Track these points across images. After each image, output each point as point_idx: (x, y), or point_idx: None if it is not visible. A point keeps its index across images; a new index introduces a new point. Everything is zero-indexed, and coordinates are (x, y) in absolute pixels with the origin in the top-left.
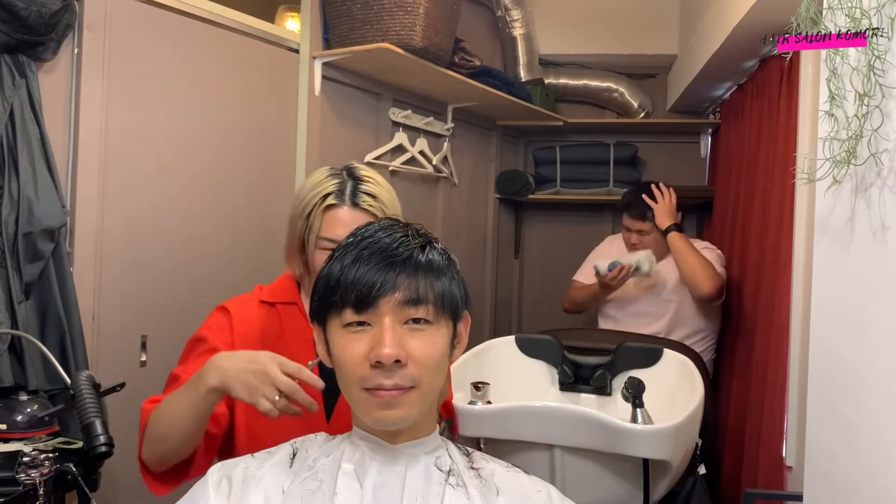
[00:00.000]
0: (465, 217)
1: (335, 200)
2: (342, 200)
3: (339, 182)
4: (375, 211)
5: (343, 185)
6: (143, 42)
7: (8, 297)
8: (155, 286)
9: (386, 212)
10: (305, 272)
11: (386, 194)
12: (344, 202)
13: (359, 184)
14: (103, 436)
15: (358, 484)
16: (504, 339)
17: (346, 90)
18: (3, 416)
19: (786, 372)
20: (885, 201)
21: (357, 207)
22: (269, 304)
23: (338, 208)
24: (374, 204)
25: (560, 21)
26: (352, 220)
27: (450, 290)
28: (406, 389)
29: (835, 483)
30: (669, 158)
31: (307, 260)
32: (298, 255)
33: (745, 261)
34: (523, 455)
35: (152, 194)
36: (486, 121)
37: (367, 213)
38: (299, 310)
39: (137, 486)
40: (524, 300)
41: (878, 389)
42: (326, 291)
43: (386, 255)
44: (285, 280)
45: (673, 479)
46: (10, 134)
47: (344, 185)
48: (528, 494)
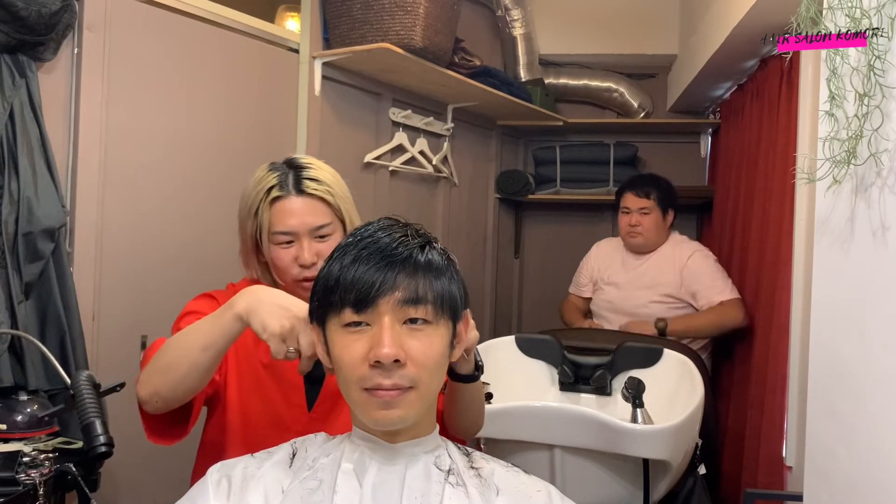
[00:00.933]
0: (465, 217)
1: (280, 192)
2: (287, 190)
3: (279, 174)
4: (322, 194)
5: (284, 175)
6: (142, 42)
7: (8, 297)
8: (155, 286)
9: (333, 194)
10: (265, 273)
11: (330, 177)
12: (289, 192)
13: (300, 171)
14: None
15: (357, 483)
16: (504, 339)
17: (346, 90)
18: (3, 416)
19: (786, 372)
20: (885, 201)
21: (303, 194)
22: None
23: (284, 199)
24: (319, 188)
25: (560, 21)
26: (300, 207)
27: (449, 290)
28: (404, 390)
29: (835, 483)
30: (669, 158)
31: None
32: (254, 256)
33: (745, 261)
34: (523, 455)
35: (152, 194)
36: (486, 121)
37: (313, 197)
38: None
39: (137, 486)
40: (524, 300)
41: (878, 389)
42: (326, 291)
43: (385, 254)
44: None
45: (673, 479)
46: (10, 134)
47: (286, 176)
48: (528, 494)
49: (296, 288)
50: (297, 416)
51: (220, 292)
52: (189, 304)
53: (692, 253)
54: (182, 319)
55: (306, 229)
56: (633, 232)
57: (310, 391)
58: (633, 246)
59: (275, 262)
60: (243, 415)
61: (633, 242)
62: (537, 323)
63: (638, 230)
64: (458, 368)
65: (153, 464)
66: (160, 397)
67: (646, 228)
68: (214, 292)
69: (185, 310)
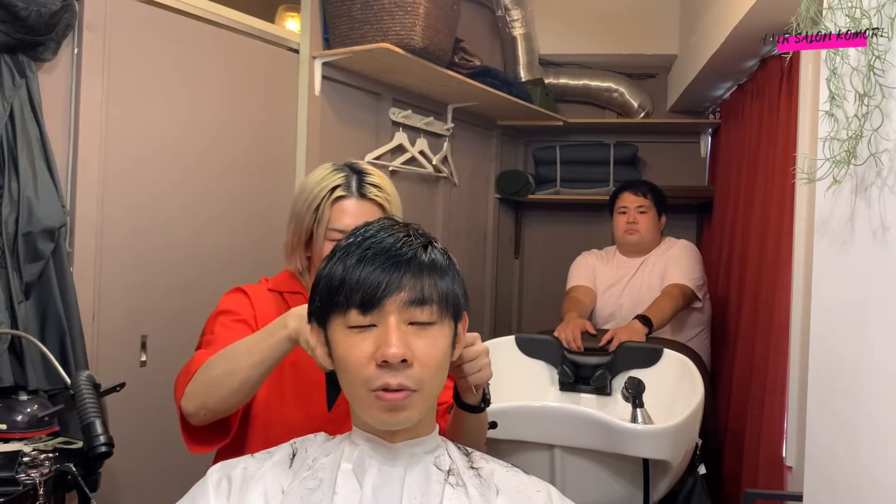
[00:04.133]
0: (465, 217)
1: (343, 192)
2: (350, 192)
3: (344, 175)
4: (381, 201)
5: (349, 178)
6: (142, 42)
7: (8, 297)
8: (155, 286)
9: (390, 201)
10: (307, 267)
11: (389, 186)
12: (352, 193)
13: (363, 176)
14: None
15: (357, 483)
16: (504, 339)
17: (346, 90)
18: (3, 416)
19: (786, 372)
20: (885, 201)
21: (364, 198)
22: (278, 292)
23: (346, 199)
24: (380, 194)
25: (560, 21)
26: (359, 210)
27: (452, 290)
28: (410, 392)
29: (835, 483)
30: (669, 158)
31: (310, 255)
32: (302, 250)
33: (745, 261)
34: (523, 455)
35: (152, 194)
36: (486, 121)
37: (373, 203)
38: (304, 298)
39: (137, 486)
40: (524, 300)
41: (878, 389)
42: (329, 292)
43: (390, 255)
44: (288, 275)
45: (673, 479)
46: (10, 134)
47: (350, 178)
48: (528, 494)
49: None
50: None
51: (251, 287)
52: (222, 302)
53: (680, 243)
54: (217, 319)
55: None
56: (630, 229)
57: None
58: (629, 244)
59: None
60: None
61: (631, 240)
62: (537, 323)
63: (636, 227)
64: (466, 398)
65: (153, 464)
66: (208, 410)
67: (643, 226)
68: (246, 287)
69: (220, 308)
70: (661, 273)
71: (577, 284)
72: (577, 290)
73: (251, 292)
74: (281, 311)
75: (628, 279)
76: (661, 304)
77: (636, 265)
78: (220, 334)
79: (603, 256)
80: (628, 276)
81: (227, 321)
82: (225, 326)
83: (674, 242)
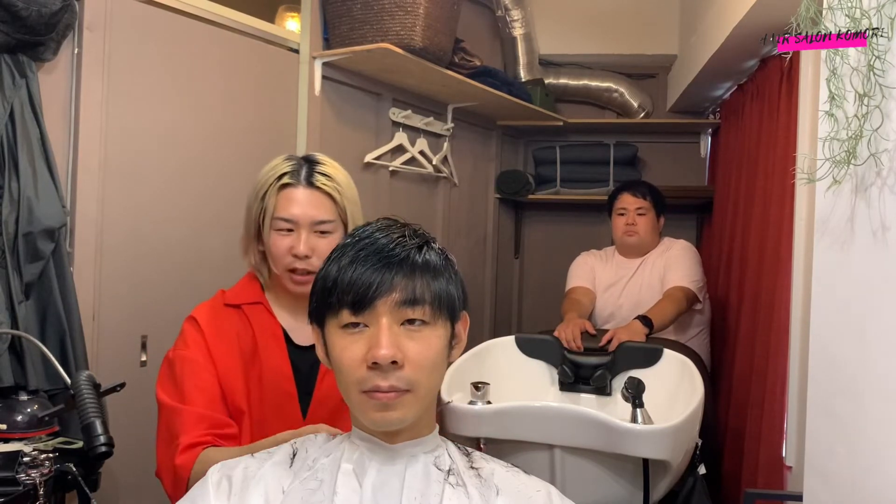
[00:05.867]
0: (465, 217)
1: (290, 180)
2: (297, 180)
3: (294, 164)
4: (330, 191)
5: (299, 166)
6: (143, 42)
7: (8, 297)
8: (155, 286)
9: (341, 192)
10: (262, 260)
11: (342, 177)
12: (299, 182)
13: (314, 165)
14: (103, 436)
15: (357, 483)
16: (504, 339)
17: (346, 90)
18: (3, 416)
19: (786, 372)
20: (885, 201)
21: (312, 186)
22: (235, 306)
23: (293, 188)
24: (329, 184)
25: (560, 21)
26: (306, 199)
27: (447, 291)
28: (402, 392)
29: (835, 483)
30: (669, 158)
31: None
32: (255, 242)
33: (745, 261)
34: (523, 455)
35: (152, 194)
36: (486, 121)
37: (321, 191)
38: (265, 308)
39: (137, 486)
40: (524, 300)
41: (878, 389)
42: (324, 293)
43: (382, 255)
44: (247, 281)
45: (673, 479)
46: (10, 134)
47: (300, 167)
48: (528, 494)
49: (286, 278)
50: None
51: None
52: (179, 343)
53: (679, 244)
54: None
55: (308, 221)
56: (630, 231)
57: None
58: (628, 245)
59: (271, 249)
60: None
61: (630, 241)
62: (537, 323)
63: (635, 229)
64: None
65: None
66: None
67: (642, 228)
68: (198, 312)
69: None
70: (660, 274)
71: (577, 285)
72: (577, 290)
73: (203, 320)
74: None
75: (627, 279)
76: (663, 306)
77: (635, 265)
78: (188, 390)
79: (602, 257)
80: (627, 276)
81: (194, 369)
82: (194, 375)
83: (673, 243)
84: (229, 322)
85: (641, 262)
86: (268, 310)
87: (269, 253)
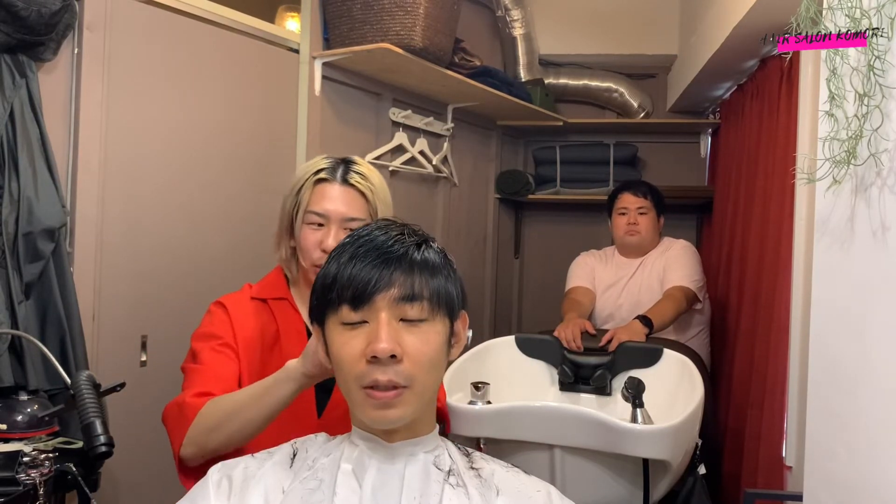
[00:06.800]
0: (465, 217)
1: (326, 175)
2: (333, 177)
3: (332, 162)
4: (364, 189)
5: (336, 165)
6: (143, 42)
7: (8, 297)
8: (155, 286)
9: (374, 192)
10: (291, 256)
11: (377, 179)
12: (335, 178)
13: (351, 165)
14: (103, 436)
15: (357, 483)
16: (504, 339)
17: (346, 90)
18: (3, 416)
19: (786, 372)
20: (885, 201)
21: (346, 184)
22: (261, 300)
23: (327, 183)
24: (363, 182)
25: (560, 21)
26: (340, 195)
27: (445, 288)
28: (401, 389)
29: (835, 483)
30: (669, 158)
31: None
32: (287, 236)
33: (745, 261)
34: (523, 455)
35: (152, 194)
36: (486, 121)
37: (355, 189)
38: (290, 304)
39: (137, 486)
40: (524, 300)
41: (877, 389)
42: (324, 290)
43: (381, 252)
44: (274, 276)
45: (673, 479)
46: (10, 134)
47: (337, 165)
48: (528, 494)
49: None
50: (306, 422)
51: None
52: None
53: (679, 243)
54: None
55: (339, 217)
56: (631, 230)
57: (321, 398)
58: (630, 245)
59: (301, 242)
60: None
61: (631, 241)
62: (537, 323)
63: (637, 229)
64: None
65: (153, 464)
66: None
67: (644, 227)
68: (227, 299)
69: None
70: (659, 273)
71: (576, 285)
72: (576, 290)
73: (231, 307)
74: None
75: (627, 279)
76: (663, 305)
77: (635, 265)
78: (208, 362)
79: (602, 257)
80: (627, 276)
81: (215, 346)
82: (214, 351)
83: (672, 242)
84: (254, 312)
85: (641, 262)
86: (292, 305)
87: (298, 247)
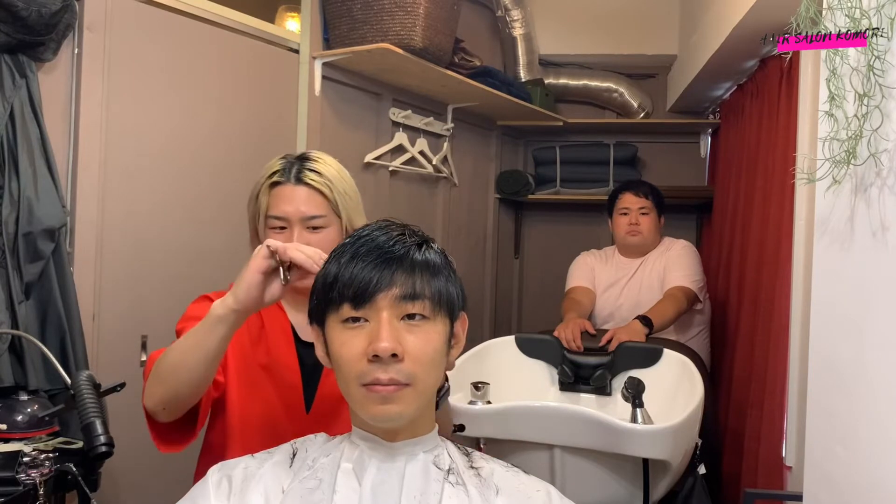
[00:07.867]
0: (465, 217)
1: (280, 178)
2: (287, 178)
3: (285, 162)
4: (320, 186)
5: (290, 164)
6: (143, 42)
7: (8, 297)
8: (155, 286)
9: (333, 188)
10: None
11: (334, 172)
12: (289, 179)
13: (305, 162)
14: (103, 436)
15: (357, 482)
16: (504, 339)
17: (346, 90)
18: (3, 416)
19: (786, 372)
20: (885, 201)
21: (300, 183)
22: None
23: (282, 185)
24: (318, 179)
25: (560, 21)
26: (295, 195)
27: (446, 288)
28: (401, 386)
29: (835, 483)
30: (669, 158)
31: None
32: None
33: (745, 261)
34: (523, 455)
35: (152, 194)
36: (486, 121)
37: (309, 187)
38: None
39: (137, 486)
40: (524, 300)
41: (877, 389)
42: (324, 289)
43: (383, 251)
44: None
45: (673, 479)
46: (10, 134)
47: (291, 165)
48: (528, 494)
49: None
50: (295, 417)
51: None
52: (189, 309)
53: (679, 243)
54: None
55: (298, 217)
56: (633, 230)
57: (308, 393)
58: (631, 245)
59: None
60: (243, 417)
61: (633, 241)
62: (537, 323)
63: (638, 228)
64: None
65: (153, 464)
66: (165, 404)
67: (645, 227)
68: (213, 294)
69: (185, 314)
70: (660, 273)
71: (576, 285)
72: (576, 290)
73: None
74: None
75: (627, 279)
76: (663, 306)
77: (635, 265)
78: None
79: (602, 257)
80: (627, 276)
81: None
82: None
83: (672, 242)
84: None
85: (641, 262)
86: (278, 305)
87: None
